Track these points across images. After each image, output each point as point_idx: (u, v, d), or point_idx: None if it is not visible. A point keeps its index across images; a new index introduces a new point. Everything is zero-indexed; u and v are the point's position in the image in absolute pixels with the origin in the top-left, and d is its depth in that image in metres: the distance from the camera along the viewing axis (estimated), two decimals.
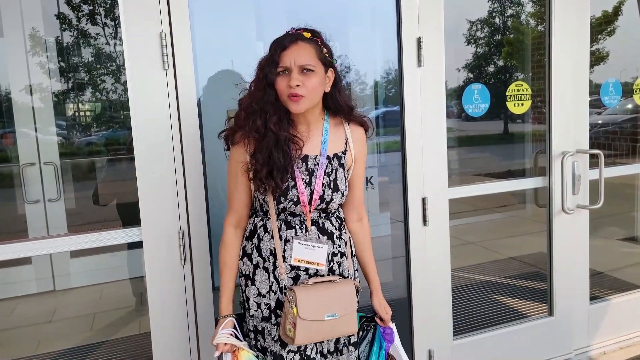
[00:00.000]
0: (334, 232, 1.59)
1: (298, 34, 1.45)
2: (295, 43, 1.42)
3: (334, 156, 1.55)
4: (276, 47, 1.43)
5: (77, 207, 3.78)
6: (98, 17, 3.96)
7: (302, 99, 1.41)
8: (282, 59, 1.41)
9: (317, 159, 1.52)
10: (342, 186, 1.56)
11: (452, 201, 2.41)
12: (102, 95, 4.09)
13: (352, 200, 1.66)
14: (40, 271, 3.67)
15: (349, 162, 1.60)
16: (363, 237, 1.70)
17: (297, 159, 1.48)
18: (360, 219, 1.70)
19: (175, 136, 1.90)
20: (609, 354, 2.82)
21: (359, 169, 1.63)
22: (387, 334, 1.70)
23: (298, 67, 1.40)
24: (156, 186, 1.90)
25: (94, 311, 3.48)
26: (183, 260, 1.96)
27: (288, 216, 1.54)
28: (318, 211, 1.56)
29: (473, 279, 3.74)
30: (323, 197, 1.52)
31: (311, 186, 1.51)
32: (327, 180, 1.53)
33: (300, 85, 1.40)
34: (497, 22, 4.00)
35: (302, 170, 1.51)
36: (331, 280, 1.54)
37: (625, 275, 3.40)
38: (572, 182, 2.63)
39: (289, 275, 1.54)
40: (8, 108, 3.46)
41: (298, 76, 1.40)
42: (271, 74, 1.41)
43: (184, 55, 1.88)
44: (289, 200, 1.50)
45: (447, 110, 2.37)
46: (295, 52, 1.41)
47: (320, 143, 1.52)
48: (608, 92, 2.98)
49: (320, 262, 1.54)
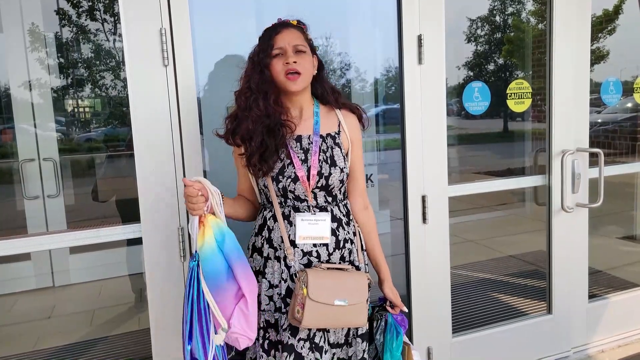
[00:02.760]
0: (343, 219, 1.62)
1: (286, 22, 1.60)
2: (287, 28, 1.56)
3: (327, 135, 1.61)
4: (270, 33, 1.55)
5: (77, 203, 3.78)
6: (97, 13, 3.95)
7: (299, 77, 1.52)
8: (277, 42, 1.52)
9: (310, 138, 1.59)
10: (340, 162, 1.60)
11: (452, 199, 2.41)
12: (101, 91, 4.09)
13: (356, 185, 1.71)
14: (39, 267, 3.67)
15: (345, 143, 1.64)
16: (370, 226, 1.74)
17: (291, 139, 1.56)
18: (365, 207, 1.74)
19: (175, 132, 1.90)
20: (607, 352, 2.83)
21: (357, 153, 1.68)
22: (401, 320, 1.71)
23: (292, 47, 1.52)
24: (156, 182, 1.89)
25: (93, 307, 3.48)
26: (182, 256, 1.95)
27: (295, 202, 1.57)
28: (323, 193, 1.58)
29: (472, 277, 3.74)
30: (321, 172, 1.56)
31: (307, 163, 1.56)
32: (324, 157, 1.58)
33: (297, 62, 1.51)
34: (497, 20, 4.00)
35: (297, 149, 1.58)
36: (344, 269, 1.56)
37: (624, 273, 3.40)
38: (571, 180, 2.63)
39: (300, 261, 1.56)
40: (7, 104, 3.46)
41: (293, 55, 1.51)
42: (267, 57, 1.52)
43: (184, 51, 1.88)
44: (287, 177, 1.54)
45: (447, 108, 2.36)
46: (288, 35, 1.54)
47: (313, 124, 1.61)
48: (608, 91, 2.98)
49: (324, 236, 1.56)
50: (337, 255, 1.59)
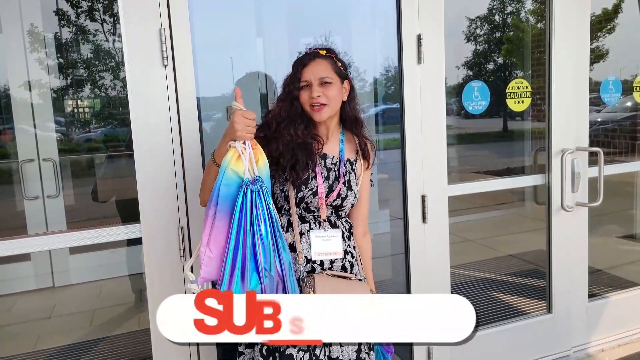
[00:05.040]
0: (345, 232, 1.67)
1: (315, 52, 1.63)
2: (313, 60, 1.61)
3: (347, 161, 1.70)
4: (297, 66, 1.61)
5: (76, 203, 3.78)
6: (97, 13, 3.95)
7: (324, 108, 1.59)
8: (303, 75, 1.59)
9: (334, 159, 1.67)
10: (354, 188, 1.69)
11: (452, 199, 2.41)
12: (101, 91, 4.09)
13: (361, 211, 1.78)
14: (39, 267, 3.67)
15: (359, 170, 1.73)
16: (367, 253, 1.79)
17: (317, 156, 1.63)
18: (365, 234, 1.79)
19: (174, 132, 1.90)
20: (607, 351, 2.83)
21: (365, 182, 1.76)
22: (386, 345, 1.72)
23: (318, 80, 1.58)
24: (155, 182, 1.89)
25: (93, 307, 3.48)
26: (183, 256, 1.95)
27: (303, 211, 1.62)
28: (331, 209, 1.65)
29: (472, 277, 3.74)
30: (339, 194, 1.65)
31: (329, 181, 1.64)
32: (344, 180, 1.67)
33: (320, 95, 1.58)
34: (497, 19, 4.00)
35: (322, 166, 1.65)
36: (348, 277, 1.60)
37: (624, 272, 3.40)
38: (571, 179, 2.63)
39: (304, 268, 1.58)
40: (7, 104, 3.46)
41: (318, 88, 1.58)
42: (295, 89, 1.60)
43: (184, 51, 1.88)
44: (309, 189, 1.60)
45: (446, 108, 2.36)
46: (314, 68, 1.59)
47: (338, 147, 1.70)
48: (608, 90, 2.98)
49: (337, 251, 1.62)
50: (339, 264, 1.63)
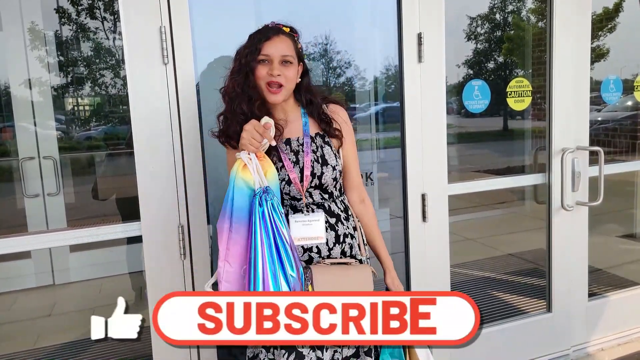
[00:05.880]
0: (341, 214, 1.62)
1: (279, 28, 1.55)
2: (277, 35, 1.52)
3: (316, 135, 1.61)
4: (260, 37, 1.51)
5: (77, 201, 3.78)
6: (97, 11, 3.95)
7: (281, 90, 1.52)
8: (265, 49, 1.50)
9: (299, 140, 1.59)
10: (331, 160, 1.60)
11: (452, 197, 2.41)
12: (101, 89, 4.09)
13: (351, 181, 1.70)
14: (39, 265, 3.67)
15: (335, 141, 1.63)
16: (368, 218, 1.73)
17: (280, 142, 1.56)
18: (362, 200, 1.72)
19: (174, 130, 1.90)
20: (607, 350, 2.83)
21: (348, 148, 1.67)
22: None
23: (280, 57, 1.50)
24: (156, 180, 1.89)
25: (94, 305, 3.48)
26: (182, 255, 1.96)
27: (292, 201, 1.58)
28: (318, 191, 1.59)
29: (472, 275, 3.74)
30: (313, 172, 1.57)
31: (299, 164, 1.56)
32: (314, 157, 1.58)
33: (280, 75, 1.50)
34: (497, 18, 3.99)
35: (287, 152, 1.58)
36: (347, 263, 1.56)
37: (624, 272, 3.40)
38: (571, 179, 2.63)
39: (301, 258, 1.55)
40: (7, 102, 3.46)
41: (279, 66, 1.50)
42: (253, 62, 1.50)
43: (184, 49, 1.88)
44: (281, 179, 1.54)
45: (447, 107, 2.36)
46: (277, 44, 1.51)
47: (302, 126, 1.61)
48: (608, 89, 2.98)
49: (319, 236, 1.56)
50: (338, 249, 1.59)
